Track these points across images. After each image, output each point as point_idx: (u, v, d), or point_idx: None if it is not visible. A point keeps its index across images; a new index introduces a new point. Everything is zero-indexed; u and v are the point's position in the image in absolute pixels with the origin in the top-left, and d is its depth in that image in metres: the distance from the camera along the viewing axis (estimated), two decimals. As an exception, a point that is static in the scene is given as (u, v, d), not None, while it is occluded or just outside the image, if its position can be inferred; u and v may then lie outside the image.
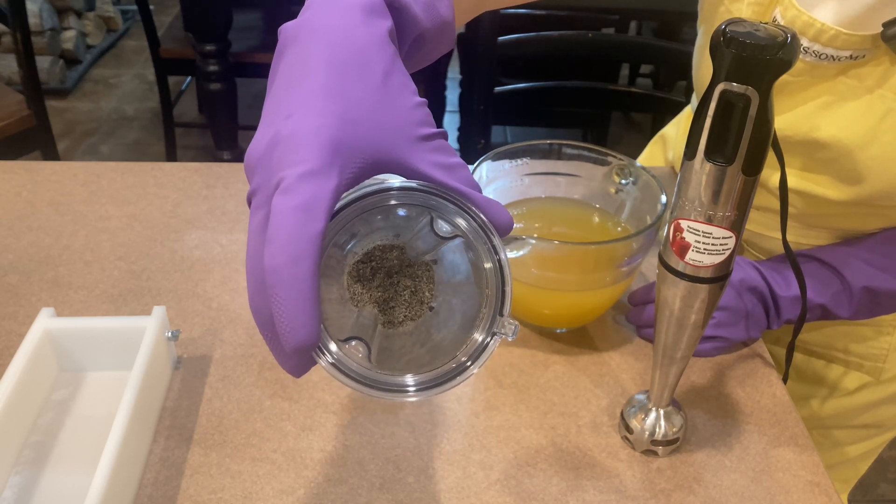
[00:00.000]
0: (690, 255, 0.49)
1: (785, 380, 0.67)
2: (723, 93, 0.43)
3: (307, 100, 0.35)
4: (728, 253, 0.48)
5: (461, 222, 0.37)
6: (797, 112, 0.63)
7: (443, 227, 0.38)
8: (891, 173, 0.60)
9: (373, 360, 0.37)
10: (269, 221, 0.32)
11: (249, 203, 0.35)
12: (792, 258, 0.58)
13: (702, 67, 0.72)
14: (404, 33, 0.42)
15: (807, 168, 0.66)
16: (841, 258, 0.68)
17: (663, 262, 0.51)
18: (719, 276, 0.50)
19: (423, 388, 0.37)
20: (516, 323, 0.38)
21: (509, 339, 0.37)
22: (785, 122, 0.64)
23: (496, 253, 0.37)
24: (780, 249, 0.73)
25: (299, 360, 0.35)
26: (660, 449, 0.59)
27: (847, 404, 0.81)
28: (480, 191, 0.38)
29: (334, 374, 0.36)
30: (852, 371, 0.80)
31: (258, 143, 0.35)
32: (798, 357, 0.82)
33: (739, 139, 0.44)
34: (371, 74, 0.36)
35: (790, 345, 0.66)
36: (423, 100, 0.38)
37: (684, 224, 0.48)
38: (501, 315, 0.37)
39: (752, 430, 0.63)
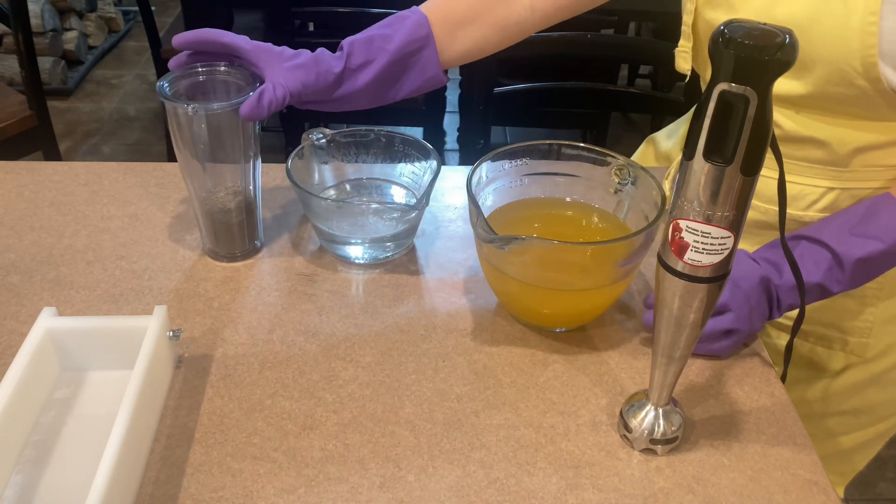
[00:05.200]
0: (689, 255, 0.49)
1: (783, 379, 0.68)
2: (722, 93, 0.43)
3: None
4: (727, 252, 0.49)
5: None
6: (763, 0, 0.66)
7: None
8: (836, 49, 0.62)
9: None
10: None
11: None
12: (790, 257, 0.58)
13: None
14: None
15: None
16: (832, 234, 0.68)
17: (662, 262, 0.51)
18: (718, 276, 0.50)
19: None
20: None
21: None
22: (751, 10, 0.66)
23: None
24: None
25: None
26: (658, 448, 0.60)
27: (834, 386, 0.81)
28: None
29: None
30: (837, 351, 0.80)
31: None
32: (784, 340, 0.82)
33: (738, 139, 0.44)
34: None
35: (788, 344, 0.66)
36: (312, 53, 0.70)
37: (683, 224, 0.48)
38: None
39: (750, 429, 0.63)
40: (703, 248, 0.49)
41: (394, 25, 0.71)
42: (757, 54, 0.41)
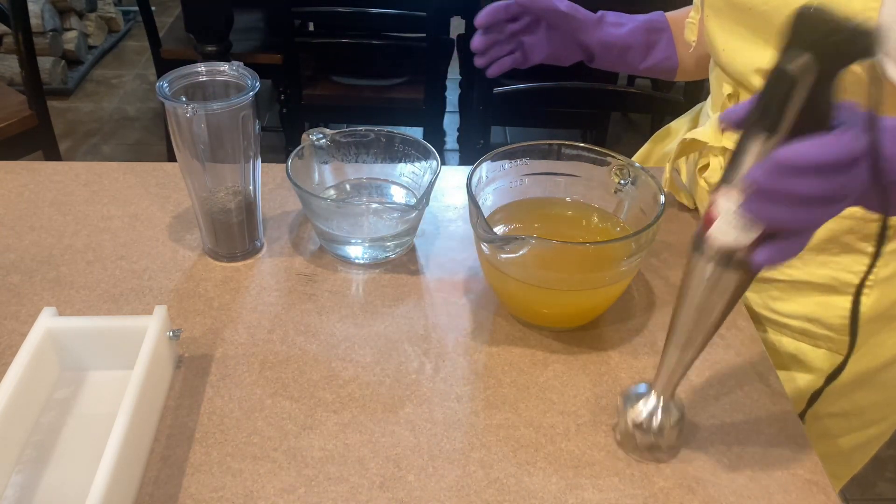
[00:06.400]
0: (716, 225, 0.46)
1: (802, 417, 0.65)
2: (781, 65, 0.41)
3: None
4: (755, 235, 0.46)
5: None
6: None
7: None
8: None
9: None
10: None
11: None
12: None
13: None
14: None
15: (757, 41, 0.69)
16: None
17: (695, 242, 0.49)
18: (748, 264, 0.48)
19: None
20: None
21: None
22: None
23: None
24: None
25: None
26: (653, 438, 0.58)
27: (820, 384, 0.81)
28: None
29: None
30: (822, 349, 0.79)
31: None
32: (772, 335, 0.81)
33: (782, 113, 0.42)
34: None
35: (815, 392, 0.64)
36: None
37: (722, 195, 0.46)
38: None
39: (750, 429, 0.63)
40: (732, 222, 0.46)
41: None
42: (831, 31, 0.39)
